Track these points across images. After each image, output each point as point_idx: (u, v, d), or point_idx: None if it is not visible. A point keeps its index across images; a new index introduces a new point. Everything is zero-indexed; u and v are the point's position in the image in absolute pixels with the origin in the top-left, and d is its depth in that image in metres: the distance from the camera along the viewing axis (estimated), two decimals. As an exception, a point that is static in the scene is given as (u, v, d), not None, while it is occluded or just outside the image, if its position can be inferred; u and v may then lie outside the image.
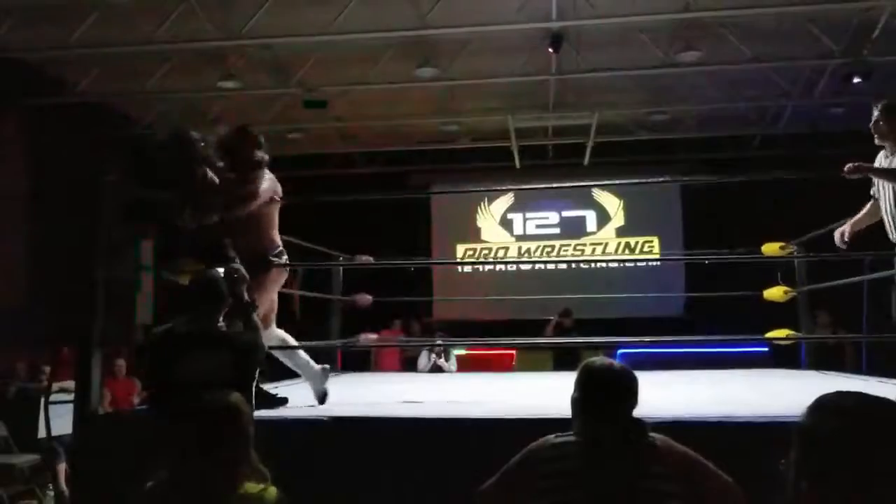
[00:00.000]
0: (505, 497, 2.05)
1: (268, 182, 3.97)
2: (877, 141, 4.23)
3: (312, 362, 4.16)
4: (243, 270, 3.45)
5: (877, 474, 1.15)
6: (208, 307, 3.12)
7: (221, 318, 3.17)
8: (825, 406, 1.29)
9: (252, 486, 2.11)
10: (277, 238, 4.14)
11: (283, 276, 4.17)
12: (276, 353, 4.19)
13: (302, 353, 4.19)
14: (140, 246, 9.84)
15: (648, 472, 1.91)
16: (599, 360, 2.16)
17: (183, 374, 2.93)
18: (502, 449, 2.28)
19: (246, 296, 3.32)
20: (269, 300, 4.08)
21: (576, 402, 2.11)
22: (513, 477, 2.05)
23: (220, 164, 3.93)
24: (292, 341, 4.22)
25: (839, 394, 1.32)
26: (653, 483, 1.89)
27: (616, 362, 2.13)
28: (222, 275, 3.30)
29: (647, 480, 1.89)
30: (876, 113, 4.18)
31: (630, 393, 2.07)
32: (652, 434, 2.01)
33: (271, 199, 3.99)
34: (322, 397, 4.04)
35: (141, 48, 7.98)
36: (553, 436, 2.06)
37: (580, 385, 2.11)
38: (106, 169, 3.82)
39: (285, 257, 4.15)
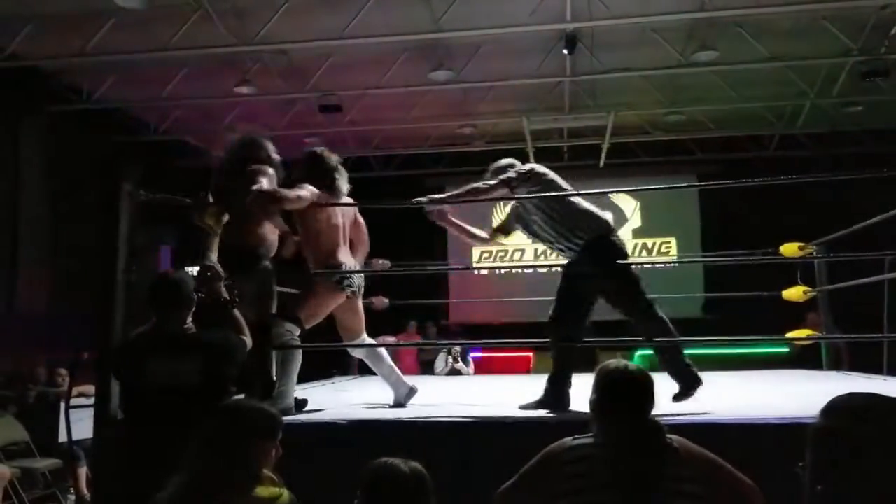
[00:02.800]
0: (524, 498, 2.05)
1: (308, 191, 3.94)
2: None
3: (403, 379, 4.18)
4: (219, 268, 3.43)
5: (889, 474, 1.14)
6: (172, 310, 3.00)
7: (190, 320, 3.06)
8: (837, 408, 1.28)
9: (265, 490, 2.12)
10: (341, 258, 4.09)
11: (335, 293, 4.04)
12: (365, 359, 4.30)
13: (388, 360, 4.22)
14: (159, 251, 9.94)
15: (669, 473, 1.90)
16: (616, 362, 2.15)
17: (148, 379, 2.86)
18: (520, 450, 2.28)
19: (225, 294, 3.25)
20: (321, 311, 4.05)
21: (594, 405, 2.11)
22: (532, 478, 2.05)
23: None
24: (382, 352, 4.26)
25: (851, 395, 1.31)
26: (675, 485, 1.88)
27: (632, 364, 2.12)
28: (195, 273, 3.27)
29: (669, 482, 1.89)
30: None
31: (648, 394, 2.06)
32: (669, 436, 2.00)
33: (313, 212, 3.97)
34: (398, 405, 4.06)
35: (157, 55, 8.04)
36: (570, 438, 2.05)
37: (598, 387, 2.11)
38: (125, 174, 3.80)
39: (345, 278, 4.05)
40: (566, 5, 7.27)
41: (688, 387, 3.50)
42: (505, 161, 4.18)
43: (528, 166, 3.99)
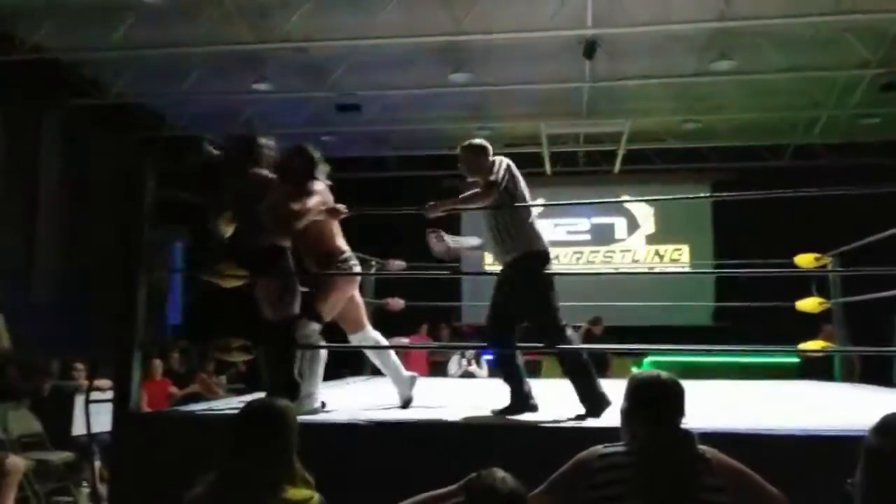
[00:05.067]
0: None
1: (317, 196, 3.96)
2: None
3: (402, 368, 4.21)
4: None
5: None
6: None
7: None
8: (892, 425, 1.28)
9: (296, 492, 2.13)
10: (341, 245, 4.11)
11: (351, 283, 4.11)
12: (369, 354, 4.29)
13: (394, 357, 4.23)
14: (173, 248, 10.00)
15: (702, 483, 1.92)
16: (648, 371, 2.17)
17: None
18: (537, 456, 2.30)
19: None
20: (340, 304, 4.05)
21: (625, 413, 2.12)
22: (562, 486, 2.06)
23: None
24: (384, 343, 4.31)
25: None
26: (708, 495, 1.89)
27: (664, 373, 2.13)
28: None
29: (703, 493, 1.90)
30: None
31: (679, 404, 2.08)
32: (700, 446, 2.01)
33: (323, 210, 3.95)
34: (407, 402, 4.09)
35: (176, 50, 8.09)
36: (601, 446, 2.07)
37: (629, 396, 2.12)
38: (145, 169, 3.84)
39: (353, 262, 4.11)
40: (587, 11, 7.29)
41: (594, 412, 3.49)
42: (478, 142, 4.05)
43: (503, 161, 3.88)
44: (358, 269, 4.18)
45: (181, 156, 10.25)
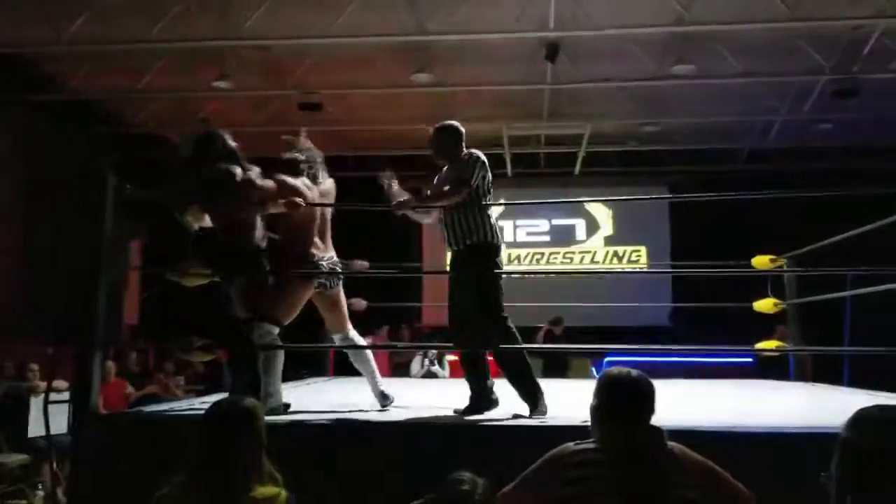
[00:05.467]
0: (525, 501, 2.08)
1: (273, 183, 3.94)
2: None
3: (379, 377, 4.20)
4: None
5: None
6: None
7: None
8: (867, 419, 1.33)
9: (264, 490, 2.13)
10: (315, 251, 4.07)
11: (308, 286, 4.04)
12: (351, 358, 4.28)
13: (371, 358, 4.21)
14: (129, 246, 9.82)
15: (673, 479, 1.95)
16: (618, 368, 2.20)
17: None
18: (502, 454, 2.32)
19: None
20: (297, 306, 4.02)
21: (595, 411, 2.15)
22: (534, 482, 2.08)
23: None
24: (368, 354, 4.28)
25: (880, 407, 1.36)
26: (678, 491, 1.93)
27: (635, 371, 2.16)
28: None
29: (673, 488, 1.93)
30: None
31: (650, 400, 2.11)
32: (669, 443, 2.05)
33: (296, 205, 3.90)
34: (385, 402, 4.09)
35: (135, 46, 7.96)
36: (573, 443, 2.09)
37: (602, 393, 2.14)
38: (105, 166, 3.78)
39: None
40: (550, 14, 7.35)
41: (535, 404, 3.55)
42: (453, 125, 4.08)
43: (477, 157, 3.90)
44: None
45: (140, 153, 10.10)
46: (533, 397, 3.61)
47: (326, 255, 4.14)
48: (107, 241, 3.65)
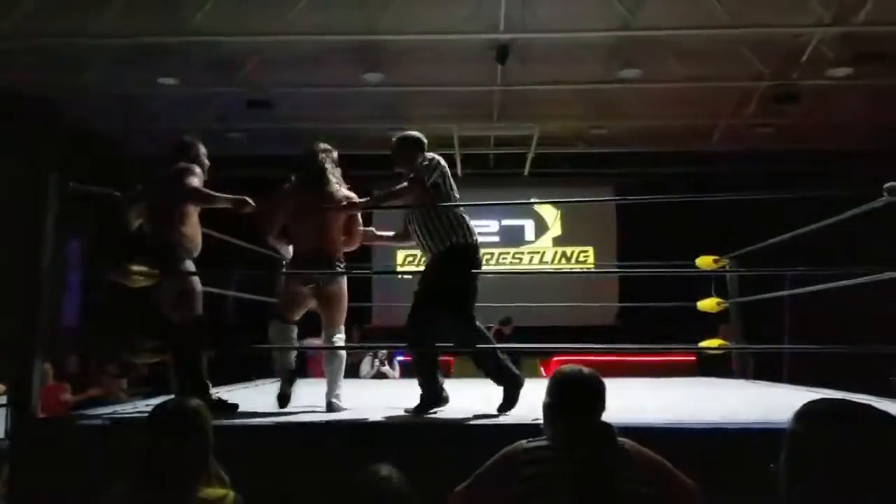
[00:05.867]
0: (479, 499, 2.10)
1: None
2: None
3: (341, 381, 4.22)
4: None
5: (863, 475, 1.25)
6: None
7: None
8: (814, 413, 1.38)
9: (211, 491, 2.11)
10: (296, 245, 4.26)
11: (293, 281, 4.22)
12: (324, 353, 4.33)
13: (341, 365, 4.23)
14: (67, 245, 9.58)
15: (624, 475, 1.99)
16: (570, 367, 2.23)
17: None
18: (453, 453, 2.34)
19: None
20: (292, 299, 4.19)
21: (548, 408, 2.18)
22: (487, 481, 2.10)
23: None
24: (341, 355, 4.31)
25: (825, 401, 1.42)
26: (630, 486, 1.97)
27: (586, 369, 2.20)
28: None
29: (626, 484, 1.97)
30: None
31: (600, 397, 2.15)
32: (620, 438, 2.09)
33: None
34: (331, 407, 4.07)
35: (79, 40, 7.78)
36: (525, 441, 2.11)
37: (553, 391, 2.17)
38: (49, 164, 3.70)
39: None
40: (500, 17, 7.41)
41: (512, 392, 3.67)
42: (412, 135, 4.21)
43: (434, 158, 3.97)
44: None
45: (82, 150, 9.85)
46: (513, 382, 3.67)
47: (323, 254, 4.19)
48: (48, 240, 3.56)
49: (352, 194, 4.31)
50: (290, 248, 4.48)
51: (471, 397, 4.19)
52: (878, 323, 6.73)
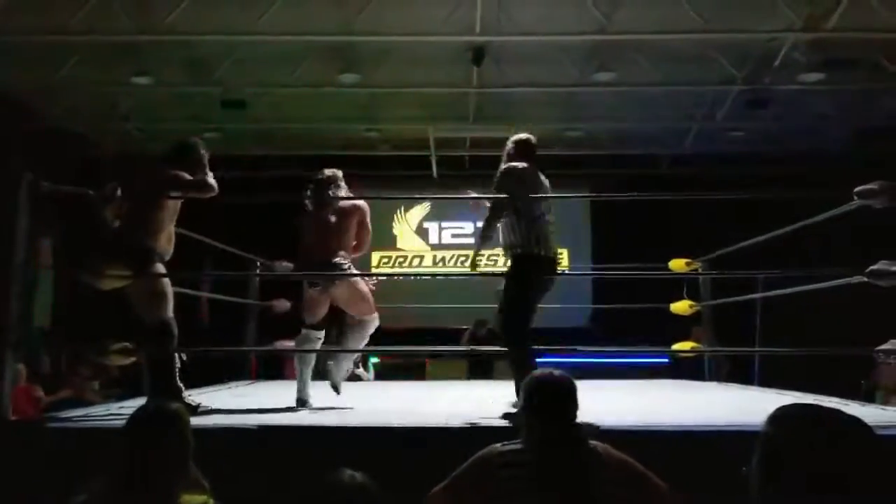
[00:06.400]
0: (454, 502, 2.11)
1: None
2: None
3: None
4: None
5: (834, 477, 1.27)
6: None
7: None
8: (786, 416, 1.40)
9: (190, 498, 2.09)
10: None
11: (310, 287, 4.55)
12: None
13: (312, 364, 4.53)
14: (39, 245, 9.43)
15: (597, 477, 2.00)
16: (542, 369, 2.25)
17: None
18: (433, 456, 2.34)
19: None
20: (314, 304, 4.52)
21: (521, 411, 2.19)
22: (463, 483, 2.11)
23: None
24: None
25: (798, 405, 1.44)
26: (605, 488, 1.98)
27: (557, 371, 2.21)
28: None
29: (598, 486, 1.99)
30: None
31: (573, 399, 2.17)
32: (592, 441, 2.11)
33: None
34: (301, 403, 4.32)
35: (51, 38, 7.67)
36: (500, 444, 2.13)
37: (527, 394, 2.19)
38: (20, 163, 3.66)
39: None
40: (476, 19, 7.43)
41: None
42: (523, 137, 4.40)
43: (512, 171, 4.10)
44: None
45: (54, 147, 9.72)
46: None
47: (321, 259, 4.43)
48: (20, 239, 3.52)
49: (361, 203, 4.72)
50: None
51: (447, 399, 4.20)
52: (849, 326, 6.82)
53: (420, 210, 12.21)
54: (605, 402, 4.35)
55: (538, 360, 3.82)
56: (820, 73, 8.41)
